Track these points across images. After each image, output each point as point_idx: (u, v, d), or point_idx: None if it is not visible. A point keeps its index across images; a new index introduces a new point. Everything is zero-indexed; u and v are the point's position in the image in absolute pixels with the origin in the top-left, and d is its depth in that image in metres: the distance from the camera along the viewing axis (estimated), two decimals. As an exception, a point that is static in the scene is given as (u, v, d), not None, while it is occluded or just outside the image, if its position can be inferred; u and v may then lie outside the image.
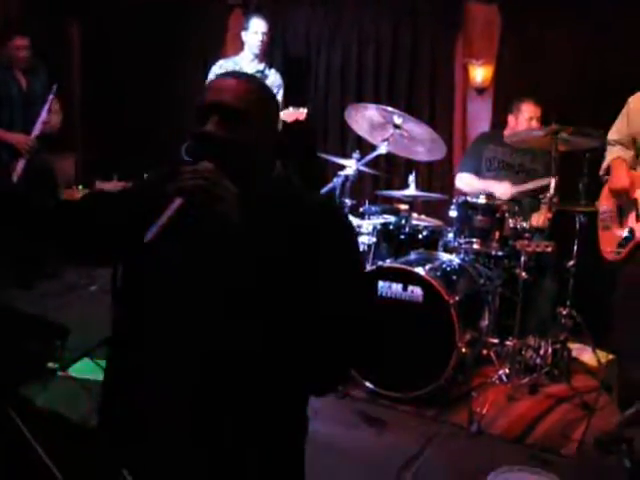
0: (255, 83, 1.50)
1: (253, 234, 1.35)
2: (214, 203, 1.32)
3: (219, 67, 4.82)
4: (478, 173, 4.30)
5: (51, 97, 4.68)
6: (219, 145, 1.38)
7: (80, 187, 5.51)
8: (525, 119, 4.20)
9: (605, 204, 3.29)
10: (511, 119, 4.31)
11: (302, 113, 4.62)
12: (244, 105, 1.42)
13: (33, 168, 4.68)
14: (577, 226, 3.74)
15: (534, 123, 4.17)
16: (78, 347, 3.56)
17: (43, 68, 4.91)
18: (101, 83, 6.26)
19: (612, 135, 3.26)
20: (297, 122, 4.64)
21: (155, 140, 5.93)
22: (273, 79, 4.79)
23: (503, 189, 4.08)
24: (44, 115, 4.68)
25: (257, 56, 4.75)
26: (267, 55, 4.99)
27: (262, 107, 1.47)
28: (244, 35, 4.76)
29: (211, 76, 4.78)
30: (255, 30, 4.68)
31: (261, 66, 4.79)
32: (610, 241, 3.22)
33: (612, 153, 3.24)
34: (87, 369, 3.47)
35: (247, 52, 4.77)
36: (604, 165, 3.30)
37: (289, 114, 4.61)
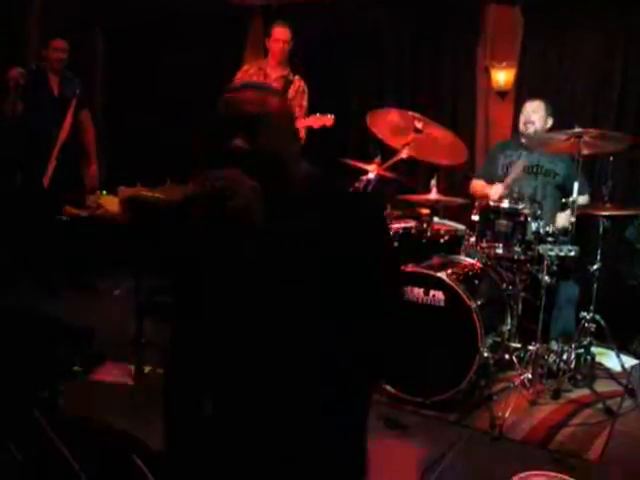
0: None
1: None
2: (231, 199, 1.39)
3: (244, 72, 4.85)
4: (493, 180, 4.29)
5: (74, 101, 4.79)
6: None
7: (104, 192, 5.59)
8: (523, 115, 4.28)
9: None
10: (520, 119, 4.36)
11: (329, 119, 4.58)
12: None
13: (62, 172, 4.80)
14: (601, 230, 3.71)
15: (531, 116, 4.22)
16: (102, 350, 3.63)
17: (78, 82, 4.99)
18: (123, 90, 6.35)
19: None
20: (324, 128, 4.63)
21: (176, 146, 5.98)
22: (297, 85, 4.80)
23: (494, 190, 4.11)
24: (69, 119, 4.78)
25: (280, 63, 4.76)
26: (290, 61, 5.00)
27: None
28: (267, 42, 4.78)
29: (235, 81, 4.81)
30: (276, 38, 4.68)
31: (285, 72, 4.80)
32: None
33: None
34: (110, 371, 3.52)
35: (270, 58, 4.78)
36: None
37: (316, 120, 4.60)
